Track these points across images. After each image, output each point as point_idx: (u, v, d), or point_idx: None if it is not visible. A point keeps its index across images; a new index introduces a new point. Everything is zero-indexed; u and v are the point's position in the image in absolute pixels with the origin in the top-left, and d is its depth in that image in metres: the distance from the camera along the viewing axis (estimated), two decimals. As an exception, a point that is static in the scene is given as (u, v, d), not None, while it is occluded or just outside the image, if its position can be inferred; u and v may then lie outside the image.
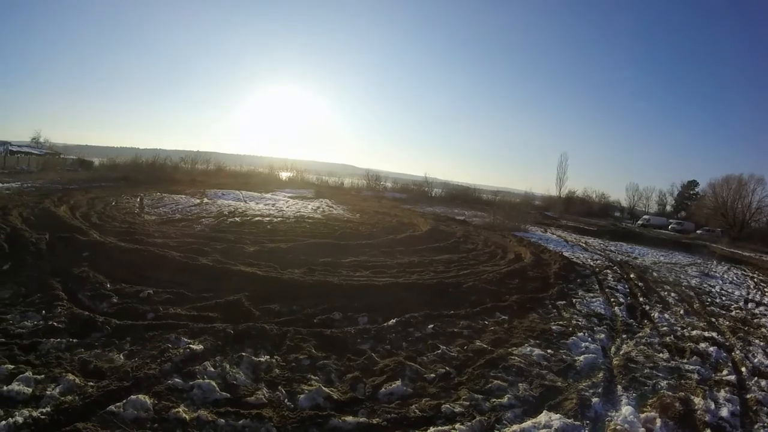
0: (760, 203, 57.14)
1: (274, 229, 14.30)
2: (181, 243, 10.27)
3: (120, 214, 14.44)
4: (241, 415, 3.91)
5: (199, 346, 5.06)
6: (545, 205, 59.12)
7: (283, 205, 23.60)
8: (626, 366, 6.44)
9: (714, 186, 62.01)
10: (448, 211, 33.99)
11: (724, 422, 5.24)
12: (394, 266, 10.60)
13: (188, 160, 45.50)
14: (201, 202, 20.51)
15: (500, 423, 4.47)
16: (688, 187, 74.72)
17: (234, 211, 18.53)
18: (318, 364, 5.15)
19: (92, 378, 4.19)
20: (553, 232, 27.65)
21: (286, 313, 6.61)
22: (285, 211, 20.64)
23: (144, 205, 17.63)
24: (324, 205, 26.07)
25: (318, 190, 41.14)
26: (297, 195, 32.17)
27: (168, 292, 6.88)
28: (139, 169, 35.48)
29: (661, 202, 77.34)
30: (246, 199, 24.72)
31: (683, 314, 9.96)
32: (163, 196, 21.71)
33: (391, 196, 45.67)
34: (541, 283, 10.86)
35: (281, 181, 49.41)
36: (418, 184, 55.45)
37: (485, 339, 6.65)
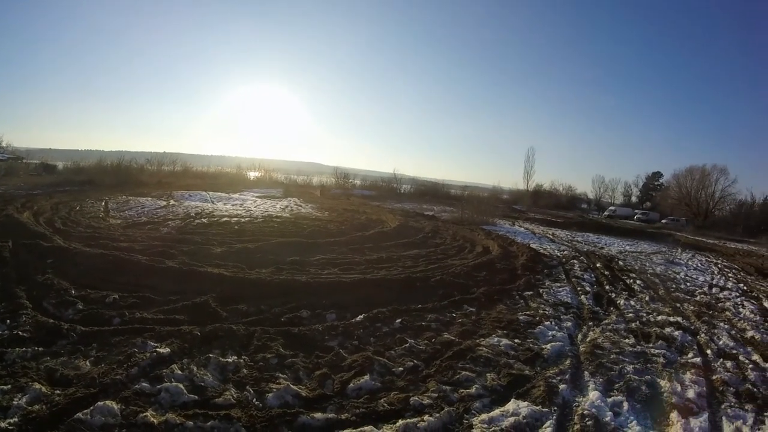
0: (723, 193, 58.95)
1: (242, 230, 14.16)
2: (147, 246, 10.13)
3: (85, 218, 14.16)
4: (210, 417, 3.87)
5: (165, 350, 5.01)
6: (513, 198, 59.90)
7: (251, 205, 23.41)
8: (593, 352, 6.55)
9: (678, 177, 63.80)
10: (417, 206, 34.06)
11: (691, 403, 5.34)
12: (362, 263, 10.62)
13: (154, 162, 44.77)
14: (167, 204, 20.20)
15: (469, 413, 4.51)
16: (652, 178, 76.32)
17: (201, 212, 18.33)
18: (286, 363, 5.14)
19: (59, 386, 4.12)
20: (521, 224, 27.93)
21: (253, 313, 6.57)
22: (253, 211, 20.48)
23: (109, 208, 17.32)
24: (292, 204, 25.94)
25: (286, 189, 40.95)
26: (265, 194, 31.94)
27: (134, 296, 6.78)
28: (104, 172, 34.68)
29: (626, 193, 78.90)
30: (213, 199, 24.47)
31: (649, 301, 10.17)
32: (129, 199, 21.36)
33: (359, 193, 45.66)
34: (509, 275, 10.98)
35: (249, 180, 49.08)
36: (386, 181, 55.57)
37: (453, 331, 6.71)
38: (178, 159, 48.41)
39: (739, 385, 6.04)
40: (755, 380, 6.26)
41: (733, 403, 5.49)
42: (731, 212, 59.57)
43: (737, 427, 4.96)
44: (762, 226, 48.30)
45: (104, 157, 42.22)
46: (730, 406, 5.40)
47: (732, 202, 60.07)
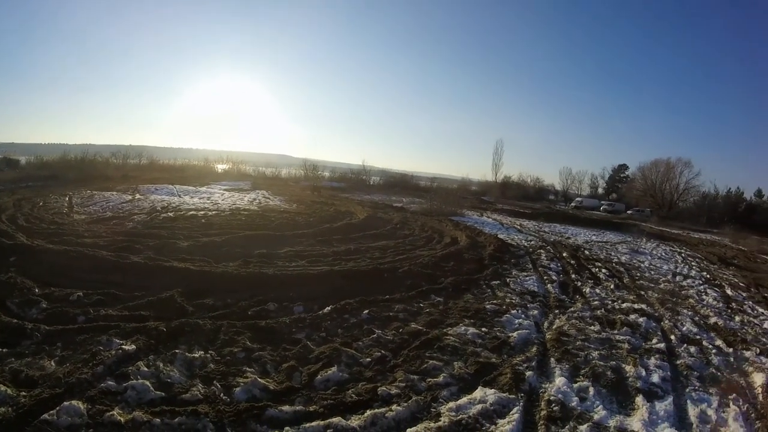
0: (687, 185, 60.22)
1: (209, 223, 14.01)
2: (111, 242, 9.96)
3: (48, 214, 13.84)
4: (177, 413, 3.85)
5: (131, 347, 4.94)
6: (482, 190, 60.34)
7: (218, 198, 23.18)
8: (559, 339, 6.68)
9: (643, 169, 64.96)
10: (386, 198, 34.11)
11: (656, 387, 5.50)
12: (330, 255, 10.60)
13: (120, 155, 43.98)
14: (133, 199, 19.87)
15: (437, 401, 4.57)
16: (618, 170, 77.44)
17: (167, 206, 18.07)
18: (253, 356, 5.12)
19: (24, 387, 4.03)
20: (489, 215, 28.16)
21: (220, 307, 6.51)
22: (220, 204, 20.28)
23: (73, 204, 16.96)
24: (260, 196, 25.74)
25: (255, 181, 40.53)
26: (233, 187, 31.61)
27: (99, 293, 6.64)
28: (68, 166, 33.90)
29: (593, 185, 79.89)
30: (180, 193, 24.14)
31: (614, 288, 10.39)
32: (94, 193, 20.91)
33: (328, 185, 45.43)
34: (476, 265, 11.10)
35: (217, 173, 48.45)
36: (356, 173, 55.46)
37: (420, 321, 6.77)
38: (144, 152, 47.68)
39: (703, 369, 6.23)
40: (719, 364, 6.47)
41: (697, 387, 5.66)
42: (695, 204, 61.00)
43: (702, 410, 5.10)
44: (725, 217, 49.65)
45: (68, 150, 41.27)
46: (695, 390, 5.57)
47: (696, 194, 61.49)
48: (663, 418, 4.79)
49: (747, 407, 5.28)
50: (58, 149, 43.55)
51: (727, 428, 4.79)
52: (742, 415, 5.07)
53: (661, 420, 4.75)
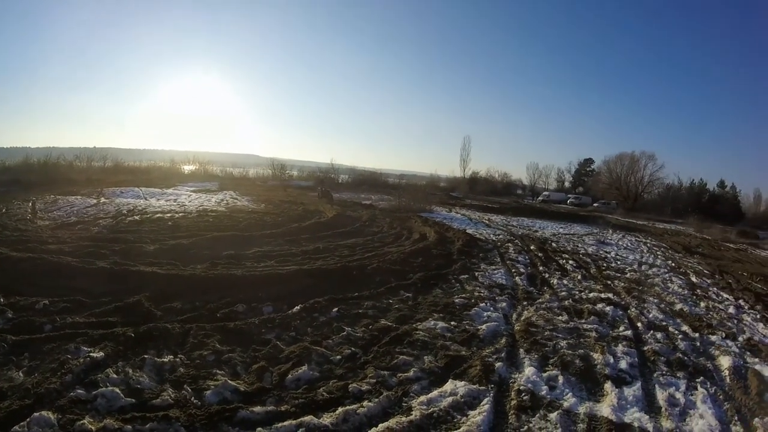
0: (651, 177, 61.73)
1: (176, 225, 13.81)
2: (77, 247, 9.78)
3: (11, 221, 13.51)
4: (148, 419, 3.82)
5: (99, 354, 4.87)
6: (450, 186, 60.69)
7: (185, 199, 22.89)
8: (527, 330, 6.79)
9: (608, 163, 66.37)
10: (355, 196, 34.07)
11: (624, 373, 5.64)
12: (299, 254, 10.58)
13: (84, 158, 42.94)
14: (98, 203, 19.48)
15: (408, 396, 4.63)
16: (584, 164, 78.68)
17: (133, 209, 17.79)
18: (223, 358, 5.11)
19: None
20: (457, 211, 28.32)
21: (188, 310, 6.46)
22: (187, 205, 20.04)
23: (37, 209, 16.54)
24: (228, 197, 25.48)
25: (222, 182, 40.02)
26: (200, 188, 31.20)
27: (65, 300, 6.51)
28: (30, 170, 32.91)
29: (559, 179, 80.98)
30: (146, 195, 23.75)
31: (581, 279, 10.58)
32: (58, 198, 20.45)
33: (296, 184, 45.16)
34: (445, 260, 11.21)
35: (183, 174, 47.66)
36: (324, 171, 55.12)
37: (390, 317, 6.82)
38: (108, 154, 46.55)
39: (670, 354, 6.41)
40: (685, 349, 6.66)
41: (665, 372, 5.83)
42: (659, 195, 62.39)
43: (670, 393, 5.25)
44: (689, 208, 50.94)
45: (30, 154, 40.15)
46: (662, 375, 5.73)
47: (660, 185, 62.98)
48: (632, 403, 4.91)
49: (715, 390, 5.46)
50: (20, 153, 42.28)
51: (696, 410, 4.92)
52: (710, 397, 5.23)
53: (630, 405, 4.87)
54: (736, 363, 6.23)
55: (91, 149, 46.09)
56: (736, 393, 5.43)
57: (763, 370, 6.04)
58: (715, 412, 4.90)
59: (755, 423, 4.81)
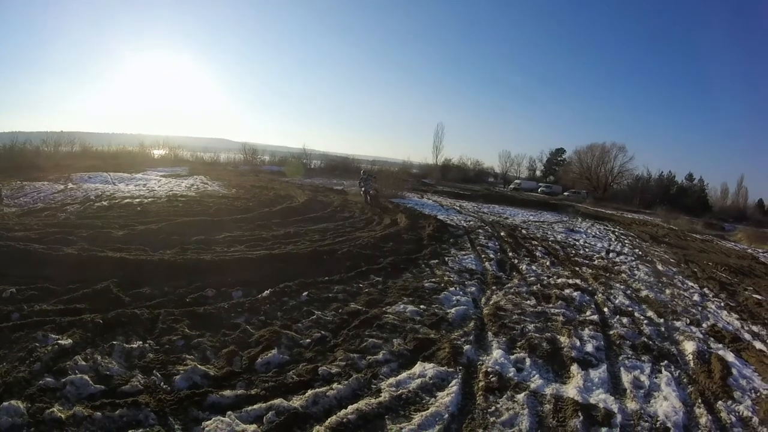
0: (621, 168, 62.29)
1: (145, 211, 13.61)
2: (43, 234, 9.60)
3: (-25, 210, 13.26)
4: (118, 405, 3.83)
5: (67, 341, 4.83)
6: (423, 172, 60.49)
7: (154, 184, 22.53)
8: (496, 314, 6.91)
9: (579, 153, 66.79)
10: (327, 182, 33.82)
11: (590, 356, 5.80)
12: (269, 239, 10.57)
13: (50, 143, 41.92)
14: (65, 188, 19.10)
15: (377, 378, 4.72)
16: (556, 154, 79.13)
17: (101, 194, 17.50)
18: (192, 343, 5.11)
19: None
20: (429, 197, 28.41)
21: (157, 296, 6.41)
22: (157, 190, 19.74)
23: (2, 196, 16.14)
24: (198, 182, 25.16)
25: (192, 167, 39.33)
26: (170, 173, 30.69)
27: (32, 287, 6.41)
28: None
29: (531, 168, 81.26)
30: (115, 181, 23.32)
31: (549, 265, 10.75)
32: (24, 184, 19.97)
33: (268, 169, 44.69)
34: (415, 245, 11.31)
35: (153, 159, 46.61)
36: (296, 157, 54.46)
37: (360, 301, 6.89)
38: (76, 139, 45.58)
39: (635, 338, 6.60)
40: (650, 334, 6.85)
41: (630, 355, 6.01)
42: (629, 186, 63.19)
43: (635, 376, 5.42)
44: (657, 199, 51.69)
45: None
46: (628, 358, 5.91)
47: (629, 176, 63.60)
48: (597, 385, 5.07)
49: (679, 373, 5.62)
50: (-15, 138, 41.34)
51: (660, 393, 5.07)
52: (675, 380, 5.39)
53: (596, 386, 5.03)
54: (700, 348, 6.44)
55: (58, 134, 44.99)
56: (700, 377, 5.62)
57: (726, 356, 6.26)
58: (679, 395, 5.06)
59: (719, 406, 4.99)
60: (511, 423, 4.21)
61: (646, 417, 4.59)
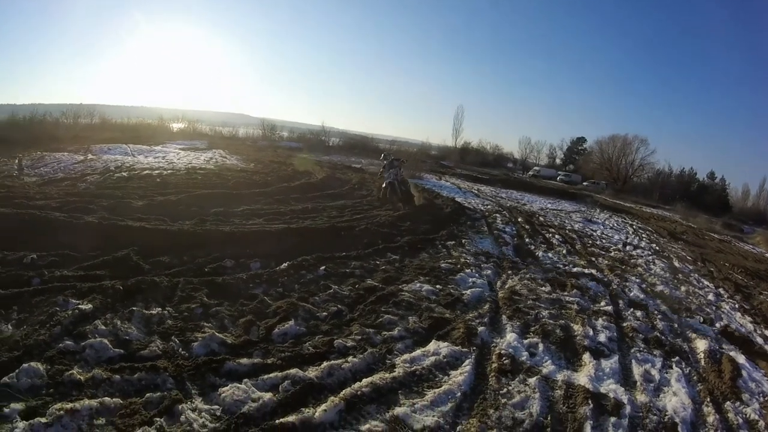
0: (642, 161, 61.56)
1: (164, 182, 13.66)
2: (64, 203, 9.69)
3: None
4: (136, 369, 3.89)
5: (88, 306, 4.90)
6: (441, 154, 60.10)
7: (173, 157, 22.59)
8: (511, 298, 6.90)
9: (601, 143, 66.10)
10: (345, 159, 33.70)
11: (602, 346, 5.77)
12: (287, 213, 10.60)
13: (70, 115, 42.14)
14: (85, 159, 19.21)
15: (391, 353, 4.74)
16: (576, 143, 78.19)
17: (121, 165, 17.60)
18: (211, 312, 5.17)
19: None
20: (447, 179, 28.26)
21: (176, 265, 6.49)
22: (176, 163, 19.82)
23: (23, 166, 16.31)
24: (217, 155, 25.16)
25: (211, 141, 39.31)
26: (189, 146, 30.72)
27: (53, 254, 6.48)
28: (16, 127, 32.16)
29: (551, 155, 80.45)
30: (134, 152, 23.39)
31: (566, 254, 10.70)
32: (44, 155, 20.13)
33: (287, 145, 44.54)
34: (433, 226, 11.25)
35: (172, 132, 46.63)
36: (315, 133, 54.20)
37: (376, 278, 6.92)
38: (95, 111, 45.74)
39: (648, 332, 6.56)
40: (663, 329, 6.81)
41: (642, 348, 5.98)
42: (649, 180, 62.35)
43: (646, 369, 5.39)
44: (677, 195, 50.93)
45: (16, 111, 39.45)
46: (639, 351, 5.89)
47: (650, 170, 62.78)
48: (608, 375, 5.05)
49: (689, 370, 5.60)
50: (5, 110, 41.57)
51: (669, 388, 5.06)
52: (685, 377, 5.37)
53: (607, 376, 5.02)
54: (711, 347, 6.38)
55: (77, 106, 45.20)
56: (710, 376, 5.59)
57: (737, 358, 6.20)
58: (688, 392, 5.04)
59: (727, 406, 4.97)
60: (522, 406, 4.23)
61: (655, 410, 4.59)
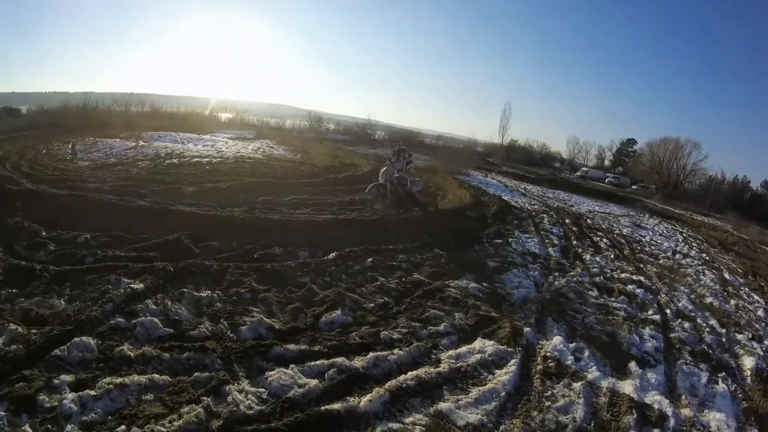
0: (694, 166, 59.22)
1: (214, 170, 13.92)
2: (117, 186, 9.98)
3: (52, 161, 13.78)
4: (185, 349, 3.98)
5: (139, 285, 5.03)
6: (487, 151, 59.22)
7: (222, 146, 22.94)
8: (557, 301, 6.79)
9: (651, 146, 63.93)
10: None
11: (648, 356, 5.61)
12: (334, 204, 10.69)
13: (121, 103, 43.27)
14: (137, 145, 19.71)
15: (437, 348, 4.71)
16: (626, 144, 76.09)
17: (171, 152, 17.99)
18: (259, 297, 5.25)
19: (35, 326, 4.12)
20: (493, 177, 27.85)
21: (226, 250, 6.60)
22: (224, 151, 20.12)
23: (77, 151, 16.81)
24: (265, 145, 25.40)
25: (259, 131, 39.77)
26: (237, 136, 31.16)
27: (106, 235, 6.70)
28: (69, 114, 33.18)
29: (599, 156, 78.50)
30: (184, 140, 23.84)
31: (613, 258, 10.43)
32: (97, 140, 20.71)
33: (333, 137, 44.73)
34: (479, 223, 11.17)
35: (220, 122, 47.36)
36: (361, 126, 54.28)
37: (423, 272, 6.87)
38: (146, 100, 46.78)
39: (696, 345, 6.32)
40: (711, 343, 6.55)
41: (688, 361, 5.76)
42: (701, 186, 60.06)
43: (692, 383, 5.22)
44: (729, 204, 49.17)
45: (69, 98, 40.61)
46: (686, 363, 5.67)
47: (702, 176, 60.33)
48: (653, 386, 4.91)
49: (735, 387, 5.39)
50: (59, 98, 42.72)
51: (714, 404, 4.88)
52: (730, 394, 5.17)
53: (652, 387, 4.87)
54: (759, 365, 6.12)
55: (128, 94, 46.36)
56: (756, 395, 5.36)
57: (785, 378, 5.95)
58: (733, 410, 4.87)
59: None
60: (566, 410, 4.16)
61: (699, 426, 4.46)
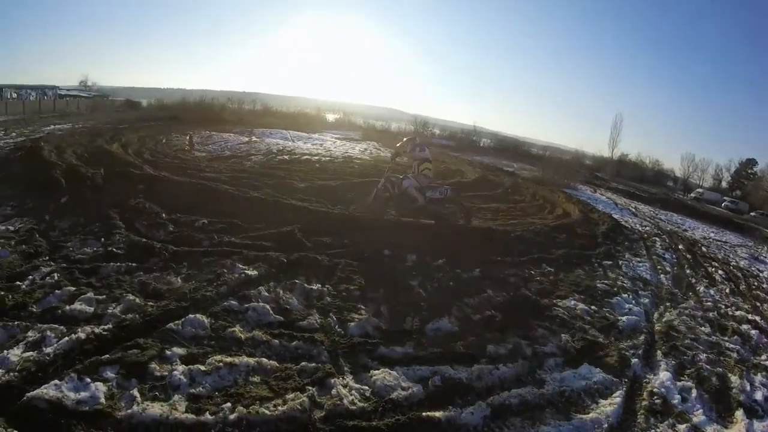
0: (824, 194, 54.46)
1: (323, 168, 14.40)
2: (232, 177, 10.50)
3: (171, 150, 14.71)
4: (294, 338, 4.12)
5: (253, 272, 5.30)
6: (596, 165, 57.22)
7: (330, 145, 23.61)
8: (668, 333, 6.40)
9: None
10: (496, 161, 33.29)
11: (758, 405, 5.14)
12: (442, 210, 10.59)
13: (235, 101, 45.72)
14: (249, 141, 20.73)
15: (542, 368, 4.58)
16: (746, 165, 70.60)
17: (282, 149, 18.73)
18: (368, 296, 5.33)
19: (151, 299, 4.42)
20: (602, 193, 26.92)
21: (337, 246, 6.74)
22: (333, 151, 20.72)
23: (194, 142, 17.84)
24: (371, 147, 25.91)
25: (364, 133, 40.64)
26: (344, 137, 32.00)
27: (222, 222, 7.09)
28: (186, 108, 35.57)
29: (716, 176, 72.95)
30: (293, 138, 24.76)
31: (728, 293, 9.73)
32: (212, 134, 21.93)
33: (438, 142, 44.76)
34: (588, 241, 10.73)
35: (327, 122, 49.17)
36: (466, 133, 54.22)
37: (531, 288, 6.71)
38: (257, 99, 49.20)
39: (814, 402, 5.80)
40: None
41: (801, 421, 5.30)
42: (833, 219, 55.35)
43: (802, 443, 4.79)
44: None
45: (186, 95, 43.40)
46: (798, 422, 5.22)
47: (832, 206, 55.63)
48: (760, 439, 4.55)
49: None
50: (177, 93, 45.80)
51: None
52: None
53: (758, 440, 4.52)
54: None
55: (241, 93, 48.86)
56: None
57: None
58: None
59: None
60: (667, 452, 3.92)
61: None
